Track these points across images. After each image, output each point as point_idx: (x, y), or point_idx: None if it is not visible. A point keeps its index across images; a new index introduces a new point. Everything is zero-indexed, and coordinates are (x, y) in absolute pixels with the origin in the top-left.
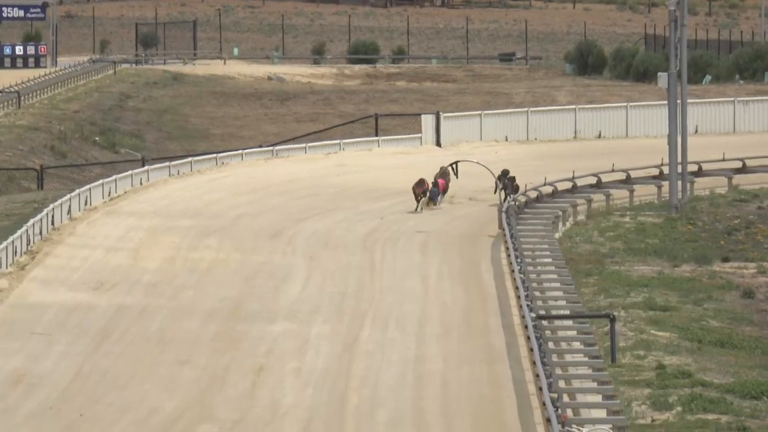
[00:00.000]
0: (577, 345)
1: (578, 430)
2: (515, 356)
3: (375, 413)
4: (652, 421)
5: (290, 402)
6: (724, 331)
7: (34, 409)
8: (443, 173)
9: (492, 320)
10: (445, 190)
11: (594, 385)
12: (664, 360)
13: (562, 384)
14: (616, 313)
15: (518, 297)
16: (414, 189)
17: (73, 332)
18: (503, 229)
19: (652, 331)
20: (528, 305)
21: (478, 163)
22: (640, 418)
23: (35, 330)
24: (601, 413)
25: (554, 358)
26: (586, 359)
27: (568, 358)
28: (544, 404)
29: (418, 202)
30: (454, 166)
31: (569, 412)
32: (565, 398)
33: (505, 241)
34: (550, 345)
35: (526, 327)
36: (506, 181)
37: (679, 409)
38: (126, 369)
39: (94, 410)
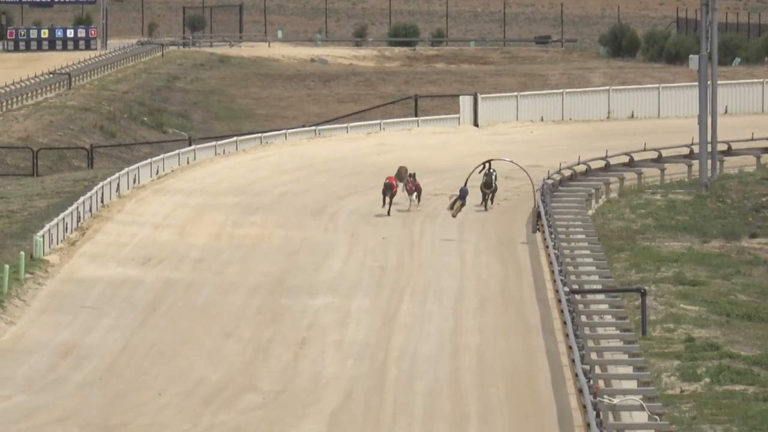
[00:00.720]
0: (608, 318)
1: (609, 400)
2: (549, 329)
3: (413, 384)
4: (681, 391)
5: (331, 373)
6: (751, 305)
7: (84, 380)
8: (401, 174)
9: (527, 294)
10: (418, 191)
11: (625, 357)
12: (693, 333)
13: (594, 356)
14: (646, 288)
15: (552, 272)
16: (384, 191)
17: (121, 306)
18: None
19: (681, 305)
20: (562, 280)
21: (511, 161)
22: (669, 389)
23: (85, 304)
24: (632, 384)
25: (587, 330)
26: (618, 332)
27: (600, 331)
28: (576, 376)
29: (384, 203)
30: (486, 164)
31: (601, 383)
32: (597, 370)
33: (540, 218)
34: (583, 318)
35: (559, 301)
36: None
37: (708, 380)
38: (173, 341)
39: (141, 381)
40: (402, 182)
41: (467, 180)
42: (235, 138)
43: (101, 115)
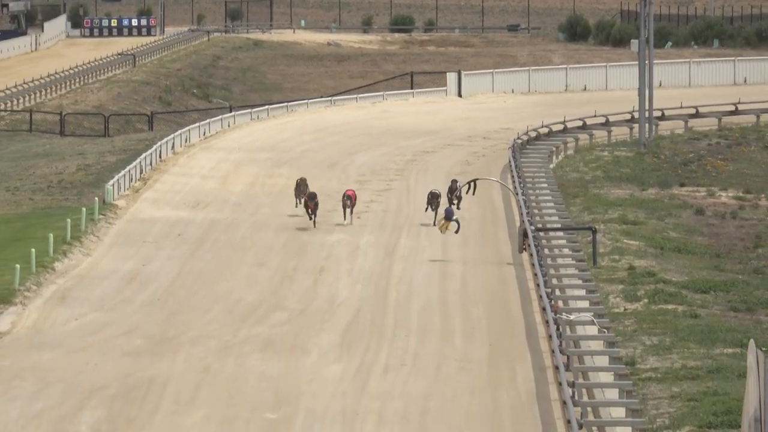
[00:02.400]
0: (566, 251)
1: (567, 316)
2: (518, 260)
3: (410, 304)
4: (624, 310)
5: (344, 295)
6: (680, 240)
7: (146, 300)
8: (300, 187)
9: (501, 232)
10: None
11: (579, 282)
12: (634, 263)
13: (554, 281)
14: (597, 226)
15: (521, 214)
16: (305, 202)
17: (176, 241)
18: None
19: (624, 241)
20: (528, 220)
21: (497, 181)
22: (615, 307)
23: (146, 239)
24: (585, 304)
25: (548, 261)
26: (573, 262)
27: (560, 261)
28: (540, 297)
29: (309, 216)
30: (472, 183)
31: (560, 303)
32: (557, 292)
33: (511, 171)
34: (546, 251)
35: (526, 236)
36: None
37: (645, 300)
38: (216, 269)
39: (192, 301)
40: (304, 195)
41: (457, 202)
42: (266, 106)
43: (159, 88)
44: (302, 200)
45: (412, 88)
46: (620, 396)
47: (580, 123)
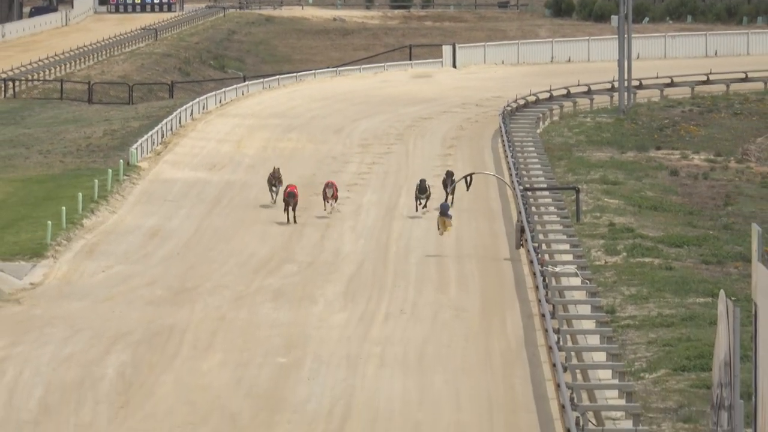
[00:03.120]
0: (552, 209)
1: (552, 268)
2: (508, 216)
3: (408, 257)
4: (605, 263)
5: (348, 249)
6: (656, 199)
7: (166, 254)
8: (275, 174)
9: (491, 191)
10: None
11: (564, 237)
12: (614, 220)
13: (540, 236)
14: (580, 186)
15: (511, 174)
16: (285, 200)
17: (194, 200)
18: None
19: (605, 199)
20: (517, 180)
21: (494, 175)
22: (596, 261)
23: (167, 198)
24: (569, 257)
25: (536, 218)
26: (558, 219)
27: (546, 218)
28: (528, 251)
29: (287, 215)
30: (468, 178)
31: (546, 257)
32: (543, 246)
33: (501, 136)
34: (533, 209)
35: (515, 196)
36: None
37: (624, 254)
38: (231, 226)
39: (208, 255)
40: (277, 183)
41: (448, 196)
42: (277, 76)
43: (179, 60)
44: (276, 191)
45: (410, 60)
46: (601, 342)
47: (564, 92)
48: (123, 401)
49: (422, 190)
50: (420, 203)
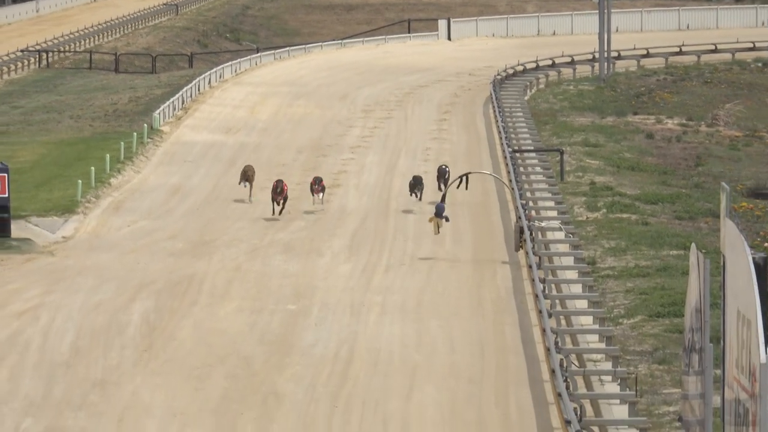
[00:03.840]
0: (538, 170)
1: (539, 223)
2: (497, 171)
3: (406, 215)
4: (587, 218)
5: (353, 205)
6: (633, 160)
7: (186, 210)
8: (247, 173)
9: (483, 153)
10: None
11: (549, 195)
12: (594, 179)
13: (528, 195)
14: (564, 149)
15: (501, 138)
16: (273, 196)
17: (212, 160)
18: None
19: (587, 160)
20: (507, 143)
21: (492, 174)
22: (579, 216)
23: (187, 159)
24: (554, 213)
25: (523, 177)
26: (544, 178)
27: (533, 177)
28: (516, 207)
29: (274, 204)
30: (464, 177)
31: (533, 212)
32: (530, 203)
33: (491, 103)
34: (521, 169)
35: (505, 157)
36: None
37: (604, 210)
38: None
39: (225, 211)
40: (248, 181)
41: (444, 195)
42: (287, 48)
43: (198, 33)
44: (247, 184)
45: (409, 33)
46: (583, 290)
47: (549, 62)
48: (147, 345)
49: (414, 186)
50: (415, 194)
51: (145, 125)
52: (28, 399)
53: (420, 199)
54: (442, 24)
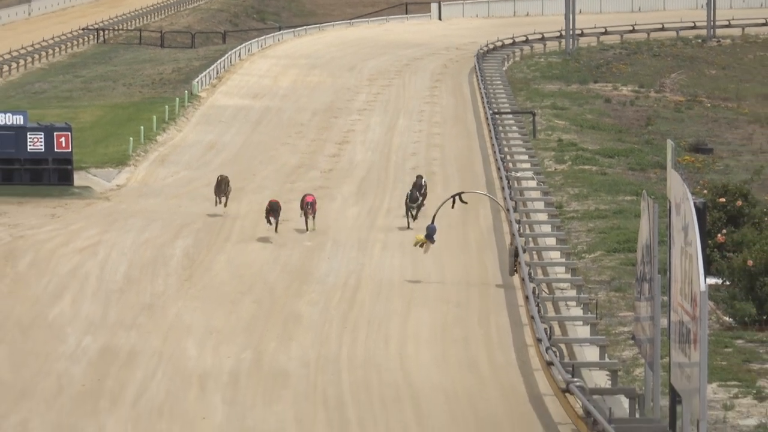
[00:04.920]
0: (514, 128)
1: (515, 173)
2: (481, 134)
3: (405, 165)
4: (555, 170)
5: (359, 159)
6: (594, 121)
7: (221, 162)
8: (221, 185)
9: (468, 115)
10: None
11: (524, 150)
12: (561, 136)
13: (506, 149)
14: (536, 111)
15: (482, 101)
16: (267, 213)
17: (241, 121)
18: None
19: (555, 121)
20: (488, 106)
21: (486, 195)
22: (548, 168)
23: (220, 120)
24: (527, 165)
25: (502, 135)
26: (519, 136)
27: (510, 135)
28: (496, 160)
29: (269, 222)
30: (459, 196)
31: (510, 164)
32: (508, 157)
33: (475, 72)
34: (500, 128)
35: (487, 118)
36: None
37: (570, 163)
38: (269, 141)
39: (252, 164)
40: (224, 195)
41: (434, 217)
42: (305, 27)
43: (230, 14)
44: (223, 198)
45: (406, 14)
46: (552, 229)
47: (524, 39)
48: (187, 275)
49: (413, 200)
50: (411, 213)
51: (186, 92)
52: (87, 320)
53: (415, 218)
54: (434, 7)
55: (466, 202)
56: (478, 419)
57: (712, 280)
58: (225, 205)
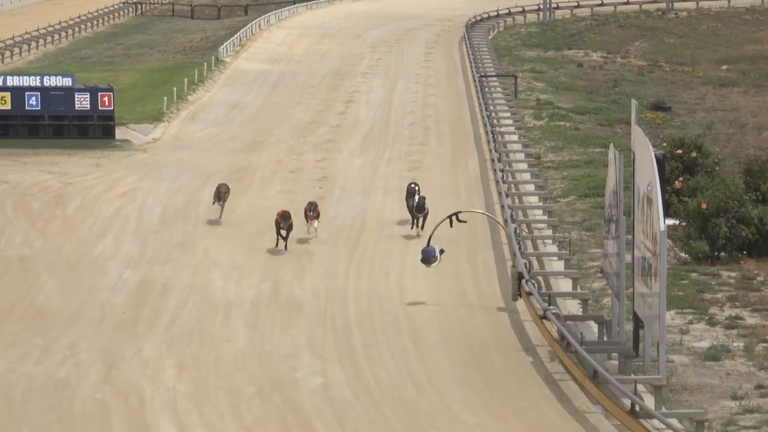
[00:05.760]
0: (498, 89)
1: (498, 129)
2: (470, 95)
3: (403, 121)
4: (534, 125)
5: (363, 116)
6: (568, 82)
7: (243, 119)
8: (220, 192)
9: (458, 78)
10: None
11: (506, 107)
12: (539, 96)
13: (492, 108)
14: (517, 74)
15: (471, 66)
16: (277, 223)
17: (261, 83)
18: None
19: (534, 83)
20: (475, 70)
21: (484, 213)
22: (528, 124)
23: (243, 82)
24: (510, 121)
25: (488, 95)
26: (503, 96)
27: (495, 95)
28: (483, 117)
29: (279, 237)
30: (456, 216)
31: (495, 120)
32: (493, 114)
33: (464, 41)
34: (486, 89)
35: (474, 80)
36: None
37: (547, 119)
38: (285, 101)
39: (270, 121)
40: (221, 200)
41: (430, 239)
42: (316, 0)
43: None
44: (286, 233)
45: None
46: (531, 177)
47: (507, 11)
48: (214, 217)
49: (420, 209)
50: (416, 221)
51: (213, 57)
52: (127, 256)
53: (422, 227)
54: None
55: (464, 221)
56: (467, 342)
57: (670, 222)
58: (220, 216)
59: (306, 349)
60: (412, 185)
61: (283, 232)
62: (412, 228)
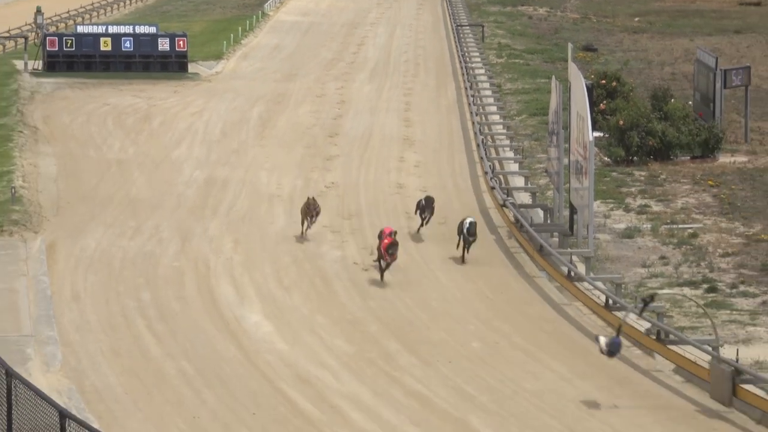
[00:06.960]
0: (470, 35)
1: (471, 70)
2: (449, 39)
3: (400, 58)
4: (496, 62)
5: (370, 55)
6: (522, 30)
7: (282, 58)
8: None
9: (441, 27)
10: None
11: (475, 50)
12: (501, 41)
13: (465, 49)
14: (484, 24)
15: (450, 18)
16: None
17: (297, 30)
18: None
19: (496, 30)
20: (453, 21)
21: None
22: (492, 61)
23: (282, 30)
24: (478, 59)
25: (462, 40)
26: (473, 41)
27: (467, 40)
28: (458, 56)
29: (303, 224)
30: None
31: (467, 58)
32: (466, 53)
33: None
34: (461, 35)
35: (453, 28)
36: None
37: (506, 58)
38: (314, 44)
39: (302, 59)
40: (310, 220)
41: (620, 329)
42: None
43: None
44: (310, 222)
45: None
46: (494, 101)
47: None
48: (260, 130)
49: (471, 233)
50: (423, 218)
51: (260, 11)
52: (197, 160)
53: (427, 223)
54: None
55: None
56: (446, 224)
57: (596, 134)
58: (303, 233)
59: (327, 230)
60: (422, 201)
61: (309, 221)
62: (458, 250)
